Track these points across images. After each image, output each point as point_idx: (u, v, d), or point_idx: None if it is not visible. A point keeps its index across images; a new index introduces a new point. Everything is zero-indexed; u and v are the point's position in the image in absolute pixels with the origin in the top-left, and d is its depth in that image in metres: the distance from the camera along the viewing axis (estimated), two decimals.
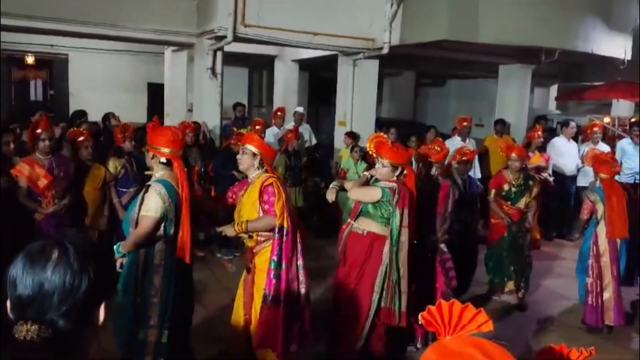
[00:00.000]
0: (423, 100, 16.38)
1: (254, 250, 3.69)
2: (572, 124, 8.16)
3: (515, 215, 5.42)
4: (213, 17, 7.66)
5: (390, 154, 3.86)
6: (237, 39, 7.63)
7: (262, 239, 3.63)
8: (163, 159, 3.41)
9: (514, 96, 10.11)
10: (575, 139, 8.39)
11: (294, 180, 7.07)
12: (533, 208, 5.47)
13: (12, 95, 13.70)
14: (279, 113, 8.34)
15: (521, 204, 5.42)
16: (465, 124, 8.04)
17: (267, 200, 3.54)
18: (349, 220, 4.08)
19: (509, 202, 5.46)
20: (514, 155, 5.38)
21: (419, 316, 1.23)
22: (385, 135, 4.15)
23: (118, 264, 3.46)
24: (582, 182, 7.86)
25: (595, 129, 7.95)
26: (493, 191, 5.54)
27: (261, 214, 3.57)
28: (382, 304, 3.86)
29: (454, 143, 7.75)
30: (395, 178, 3.89)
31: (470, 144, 7.98)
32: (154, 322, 3.36)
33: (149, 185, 3.34)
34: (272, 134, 8.23)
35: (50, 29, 8.02)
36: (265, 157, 3.66)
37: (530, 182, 5.47)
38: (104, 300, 1.13)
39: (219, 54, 8.10)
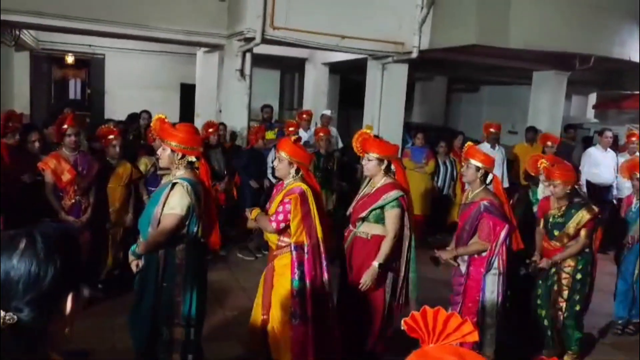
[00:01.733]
0: (456, 106, 16.17)
1: (274, 253, 3.72)
2: (608, 133, 7.89)
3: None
4: (242, 19, 7.73)
5: (375, 146, 3.86)
6: (265, 40, 7.68)
7: (283, 244, 3.65)
8: (193, 158, 3.42)
9: (548, 103, 9.89)
10: (615, 148, 8.13)
11: (322, 183, 7.01)
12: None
13: (51, 94, 14.10)
14: (304, 116, 8.32)
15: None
16: (492, 130, 7.88)
17: (277, 210, 3.58)
18: (349, 227, 4.04)
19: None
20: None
21: (402, 322, 1.19)
22: (368, 132, 4.13)
23: (133, 266, 3.48)
24: (618, 194, 7.61)
25: (633, 138, 7.65)
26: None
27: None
28: (395, 301, 3.90)
29: (483, 150, 7.61)
30: (382, 172, 3.86)
31: (499, 151, 7.84)
32: (179, 320, 3.39)
33: (174, 183, 3.33)
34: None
35: (86, 29, 8.24)
36: (301, 164, 3.66)
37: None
38: (72, 291, 1.13)
39: (248, 56, 8.17)
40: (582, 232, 4.22)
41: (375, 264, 3.77)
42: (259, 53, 8.76)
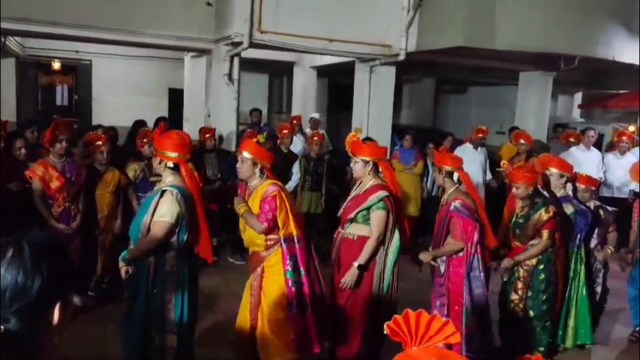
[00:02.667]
0: (444, 107, 16.25)
1: (262, 255, 3.70)
2: (590, 132, 7.95)
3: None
4: (230, 23, 7.73)
5: (361, 149, 3.94)
6: (253, 45, 7.68)
7: (271, 243, 3.64)
8: (170, 164, 3.42)
9: (534, 104, 9.98)
10: (599, 147, 8.19)
11: (312, 186, 7.05)
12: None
13: (38, 100, 14.02)
14: (294, 121, 8.33)
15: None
16: (480, 135, 7.92)
17: (262, 208, 3.56)
18: (339, 228, 4.07)
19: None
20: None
21: (385, 325, 1.21)
22: (357, 135, 4.20)
23: (123, 273, 3.48)
24: (604, 193, 7.66)
25: (624, 137, 7.68)
26: None
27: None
28: (382, 305, 3.90)
29: (465, 151, 7.68)
30: (371, 174, 3.92)
31: (481, 152, 7.90)
32: (171, 327, 3.40)
33: (164, 191, 3.34)
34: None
35: (73, 35, 8.18)
36: (265, 164, 3.67)
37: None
38: (59, 300, 1.14)
39: (236, 60, 8.16)
40: (544, 233, 4.28)
41: (355, 264, 3.81)
42: (247, 57, 8.76)
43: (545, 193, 4.46)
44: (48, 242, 1.15)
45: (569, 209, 4.59)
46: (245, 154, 3.63)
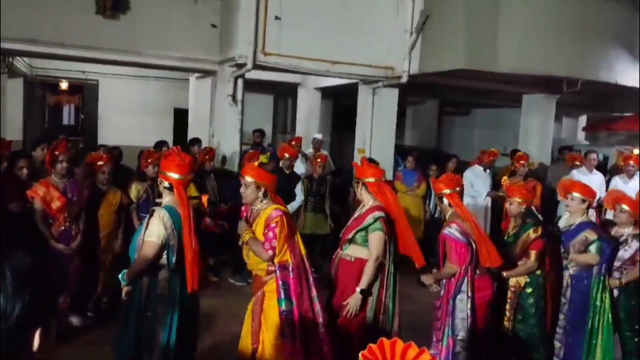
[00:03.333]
0: (448, 129, 16.27)
1: (264, 279, 3.69)
2: (592, 155, 7.90)
3: None
4: (234, 45, 7.82)
5: (361, 171, 3.98)
6: (256, 66, 7.76)
7: (272, 268, 3.62)
8: (166, 184, 3.45)
9: (538, 126, 9.99)
10: (604, 170, 8.11)
11: (315, 207, 7.05)
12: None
13: (45, 119, 14.13)
14: (293, 143, 8.30)
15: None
16: (492, 158, 7.88)
17: (267, 235, 3.54)
18: (338, 250, 4.07)
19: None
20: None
21: (359, 355, 1.20)
22: (359, 163, 4.24)
23: (124, 293, 3.47)
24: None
25: (630, 161, 7.48)
26: None
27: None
28: (378, 326, 3.88)
29: (475, 173, 7.68)
30: (370, 196, 3.95)
31: (488, 175, 7.89)
32: (157, 352, 3.37)
33: (154, 210, 3.36)
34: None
35: (79, 56, 8.29)
36: (268, 187, 3.66)
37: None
38: (40, 326, 1.12)
39: (240, 81, 8.23)
40: (531, 253, 4.26)
41: (358, 289, 3.79)
42: (252, 78, 8.84)
43: (538, 215, 4.44)
44: (31, 268, 1.14)
45: (592, 236, 4.39)
46: (248, 178, 3.63)
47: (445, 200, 4.08)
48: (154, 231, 3.30)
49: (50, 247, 4.69)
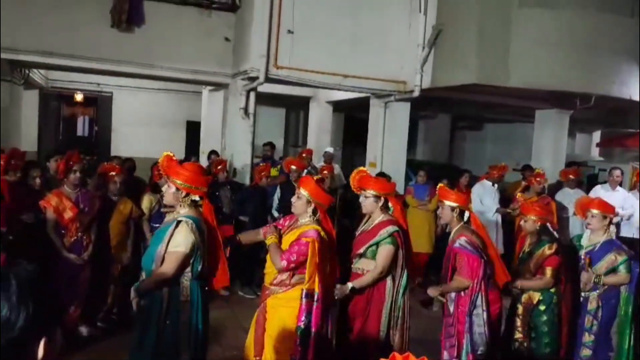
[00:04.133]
0: (460, 143, 16.24)
1: (267, 292, 3.69)
2: (617, 172, 7.77)
3: None
4: (246, 58, 7.89)
5: (372, 184, 3.94)
6: (269, 79, 7.81)
7: (278, 280, 3.61)
8: (196, 197, 3.45)
9: (551, 141, 9.90)
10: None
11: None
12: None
13: (60, 131, 14.31)
14: (304, 155, 8.34)
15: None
16: (501, 173, 7.84)
17: (292, 246, 3.53)
18: (349, 264, 4.05)
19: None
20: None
21: None
22: (365, 169, 4.20)
23: (134, 305, 3.46)
24: (625, 231, 7.50)
25: None
26: None
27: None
28: (389, 341, 3.86)
29: (484, 188, 7.64)
30: (380, 209, 3.93)
31: (497, 190, 7.84)
32: (186, 358, 3.38)
33: (179, 221, 3.33)
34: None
35: (93, 68, 8.42)
36: (319, 205, 3.66)
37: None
38: (44, 336, 1.11)
39: (252, 94, 8.30)
40: (547, 270, 4.23)
41: (349, 285, 3.80)
42: (265, 91, 8.90)
43: (554, 233, 4.39)
44: (35, 277, 1.13)
45: (620, 256, 4.34)
46: (303, 192, 3.64)
47: (467, 215, 4.05)
48: (181, 241, 3.29)
49: (61, 257, 4.72)
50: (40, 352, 1.11)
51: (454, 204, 4.02)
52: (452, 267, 4.00)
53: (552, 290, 4.29)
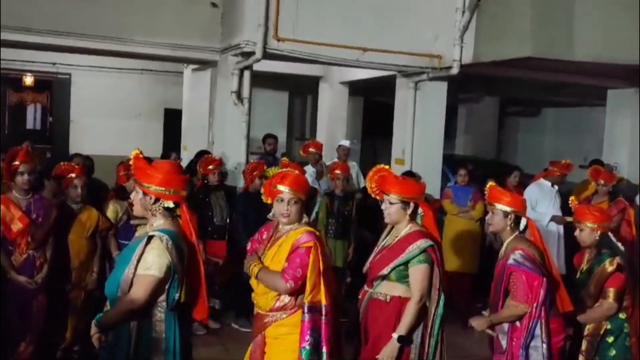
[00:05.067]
0: (511, 134, 16.18)
1: (265, 320, 3.69)
2: None
3: None
4: (239, 29, 7.93)
5: (398, 186, 3.92)
6: (267, 55, 7.84)
7: (278, 305, 3.63)
8: (170, 204, 3.44)
9: (627, 129, 9.85)
10: None
11: (337, 232, 7.06)
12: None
13: (5, 123, 14.40)
14: (311, 149, 8.29)
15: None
16: (563, 172, 7.82)
17: (291, 261, 3.54)
18: (364, 287, 4.07)
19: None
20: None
21: None
22: (387, 167, 4.18)
23: (95, 341, 3.45)
24: None
25: None
26: None
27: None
28: None
29: (541, 189, 7.62)
30: (408, 217, 3.92)
31: (557, 192, 7.82)
32: None
33: (151, 236, 3.33)
34: (307, 174, 8.27)
35: (49, 44, 8.45)
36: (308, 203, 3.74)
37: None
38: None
39: (247, 75, 8.31)
40: (609, 292, 4.22)
41: (395, 336, 3.77)
42: (261, 71, 8.92)
43: (618, 244, 4.36)
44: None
45: None
46: (285, 190, 3.65)
47: (524, 222, 4.04)
48: (154, 262, 3.27)
49: (9, 280, 4.76)
50: None
51: (509, 208, 4.00)
52: (504, 289, 3.98)
53: (622, 316, 4.27)
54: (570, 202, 4.75)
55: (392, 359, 3.77)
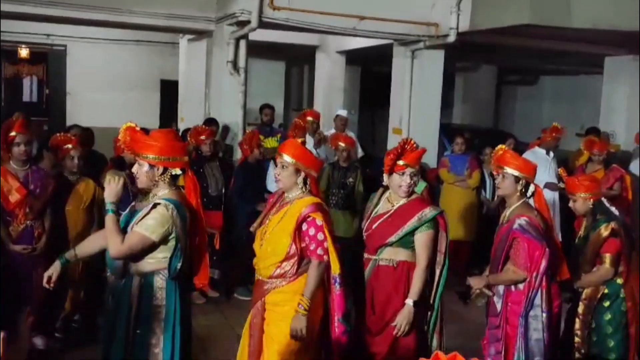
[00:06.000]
0: (508, 103, 16.17)
1: (265, 287, 3.72)
2: None
3: None
4: None
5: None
6: (263, 24, 7.79)
7: (278, 272, 3.65)
8: (177, 171, 3.46)
9: (624, 97, 9.84)
10: None
11: (340, 203, 7.08)
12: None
13: (1, 96, 14.34)
14: (308, 118, 8.22)
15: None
16: (554, 135, 7.87)
17: (314, 237, 3.59)
18: (366, 255, 4.08)
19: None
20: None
21: None
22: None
23: (45, 278, 3.53)
24: None
25: None
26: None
27: (291, 251, 3.62)
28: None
29: (536, 157, 7.59)
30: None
31: (553, 159, 7.83)
32: None
33: (157, 204, 3.35)
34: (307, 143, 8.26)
35: (43, 15, 8.38)
36: (310, 173, 3.70)
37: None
38: (5, 330, 1.14)
39: (243, 44, 8.27)
40: (605, 257, 4.24)
41: (410, 302, 3.82)
42: (257, 40, 8.86)
43: (613, 209, 4.38)
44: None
45: None
46: (287, 158, 3.65)
47: (531, 189, 4.05)
48: (152, 226, 3.31)
49: (7, 250, 4.76)
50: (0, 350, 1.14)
51: (520, 174, 4.00)
52: (506, 253, 4.00)
53: (619, 281, 4.29)
54: (560, 172, 4.76)
55: (409, 324, 3.82)
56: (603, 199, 4.42)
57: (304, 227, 3.59)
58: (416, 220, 3.86)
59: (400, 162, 3.87)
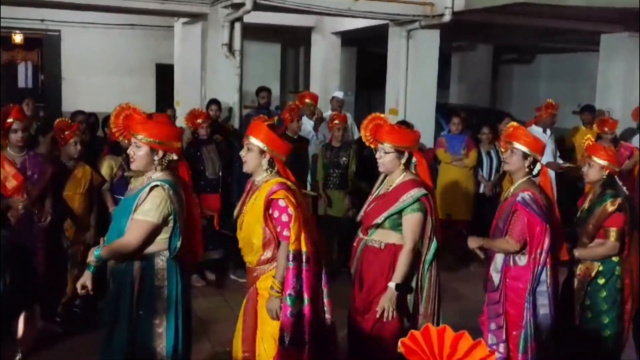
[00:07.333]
0: (505, 82, 16.13)
1: (255, 274, 3.76)
2: None
3: None
4: None
5: (392, 135, 3.91)
6: (258, 6, 7.76)
7: (265, 257, 3.68)
8: (175, 156, 3.50)
9: (621, 75, 9.83)
10: None
11: (337, 183, 7.09)
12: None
13: None
14: (307, 100, 8.25)
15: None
16: (550, 111, 7.85)
17: (279, 219, 3.59)
18: (359, 235, 4.10)
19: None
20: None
21: (399, 342, 1.22)
22: (382, 116, 4.20)
23: (79, 287, 3.47)
24: None
25: None
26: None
27: (267, 236, 3.63)
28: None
29: (534, 134, 7.61)
30: (402, 166, 3.93)
31: (550, 137, 7.82)
32: (162, 357, 3.45)
33: (154, 186, 3.38)
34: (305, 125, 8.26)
35: (37, 0, 8.35)
36: (276, 155, 3.69)
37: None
38: (24, 310, 1.16)
39: (238, 26, 8.25)
40: (610, 232, 4.21)
41: (392, 285, 3.81)
42: (253, 22, 8.82)
43: (624, 189, 4.37)
44: (12, 244, 1.16)
45: None
46: (253, 140, 3.65)
47: (538, 167, 4.05)
48: (152, 208, 3.34)
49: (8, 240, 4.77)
50: (20, 328, 1.15)
51: (528, 150, 3.99)
52: (508, 226, 4.01)
53: (615, 259, 4.28)
54: (585, 141, 4.70)
55: (392, 307, 3.80)
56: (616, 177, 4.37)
57: (270, 210, 3.60)
58: (400, 202, 3.85)
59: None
